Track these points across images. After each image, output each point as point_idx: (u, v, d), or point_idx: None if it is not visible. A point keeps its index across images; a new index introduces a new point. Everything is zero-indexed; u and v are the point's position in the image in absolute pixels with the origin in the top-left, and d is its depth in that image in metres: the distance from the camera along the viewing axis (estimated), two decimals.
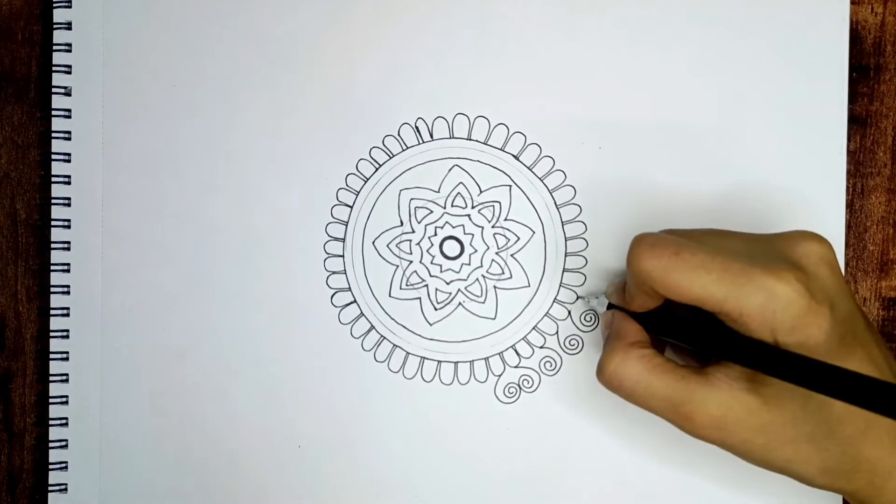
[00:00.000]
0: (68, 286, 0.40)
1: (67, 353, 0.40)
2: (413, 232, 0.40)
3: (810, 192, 0.39)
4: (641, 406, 0.33)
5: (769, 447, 0.31)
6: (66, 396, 0.40)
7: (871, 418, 0.31)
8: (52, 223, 0.40)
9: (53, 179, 0.40)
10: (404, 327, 0.40)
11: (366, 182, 0.40)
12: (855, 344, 0.31)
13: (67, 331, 0.40)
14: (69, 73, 0.40)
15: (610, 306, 0.37)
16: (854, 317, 0.32)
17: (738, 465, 0.39)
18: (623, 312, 0.35)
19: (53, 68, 0.40)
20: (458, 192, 0.40)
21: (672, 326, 0.34)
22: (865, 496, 0.33)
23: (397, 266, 0.40)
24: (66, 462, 0.40)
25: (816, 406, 0.31)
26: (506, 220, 0.40)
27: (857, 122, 0.40)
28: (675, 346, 0.34)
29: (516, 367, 0.40)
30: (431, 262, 0.40)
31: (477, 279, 0.40)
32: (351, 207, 0.40)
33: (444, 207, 0.40)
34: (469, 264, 0.40)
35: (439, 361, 0.40)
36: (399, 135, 0.40)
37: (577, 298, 0.40)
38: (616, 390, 0.33)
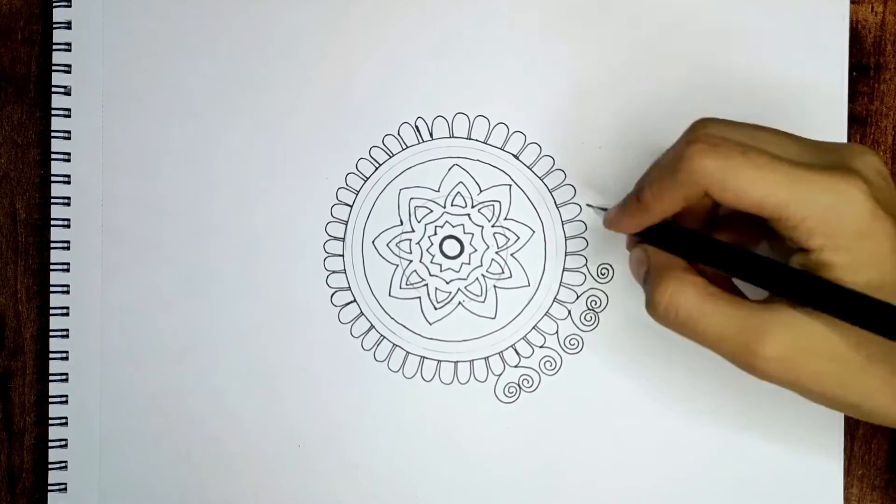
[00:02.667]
0: (68, 286, 0.40)
1: (67, 352, 0.40)
2: (413, 231, 0.40)
3: None
4: (697, 339, 0.31)
5: (843, 379, 0.29)
6: (66, 396, 0.40)
7: None
8: (52, 223, 0.40)
9: (53, 179, 0.40)
10: (404, 327, 0.40)
11: (366, 181, 0.40)
12: None
13: (67, 330, 0.40)
14: (69, 72, 0.40)
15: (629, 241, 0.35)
16: None
17: (739, 467, 0.39)
18: (658, 249, 0.33)
19: (53, 68, 0.40)
20: (458, 192, 0.40)
21: (714, 253, 0.31)
22: None
23: (397, 265, 0.40)
24: (66, 462, 0.40)
25: None
26: (506, 219, 0.40)
27: (857, 121, 0.40)
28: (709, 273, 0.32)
29: (516, 366, 0.40)
30: (431, 262, 0.40)
31: (477, 278, 0.40)
32: (351, 207, 0.40)
33: (444, 207, 0.40)
34: (469, 264, 0.40)
35: (439, 361, 0.40)
36: (399, 134, 0.40)
37: (587, 205, 0.39)
38: (671, 323, 0.31)
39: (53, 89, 0.40)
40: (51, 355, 0.40)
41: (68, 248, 0.40)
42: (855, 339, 0.28)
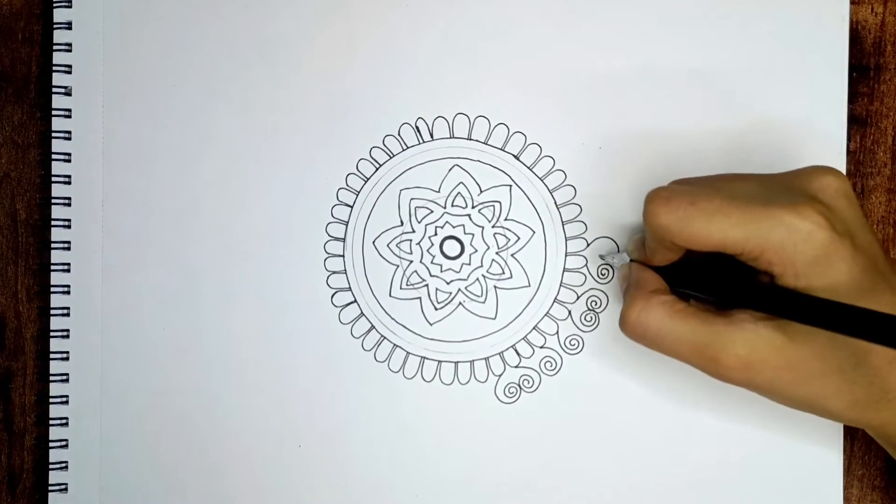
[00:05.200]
0: (68, 286, 0.40)
1: (67, 353, 0.40)
2: (413, 232, 0.40)
3: None
4: (666, 353, 0.33)
5: (797, 383, 0.31)
6: (66, 396, 0.40)
7: None
8: (52, 223, 0.40)
9: (53, 179, 0.40)
10: (404, 327, 0.40)
11: (366, 182, 0.40)
12: (877, 276, 0.31)
13: (67, 331, 0.40)
14: (69, 72, 0.40)
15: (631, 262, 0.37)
16: (874, 247, 0.32)
17: (739, 467, 0.39)
18: (640, 264, 0.36)
19: (53, 68, 0.40)
20: (459, 192, 0.40)
21: (693, 278, 0.34)
22: (893, 429, 0.33)
23: (397, 266, 0.40)
24: (66, 462, 0.40)
25: (844, 339, 0.31)
26: (506, 219, 0.40)
27: (857, 122, 0.40)
28: (696, 298, 0.34)
29: (517, 366, 0.40)
30: (432, 262, 0.40)
31: (477, 279, 0.40)
32: (351, 207, 0.40)
33: (445, 207, 0.40)
34: (469, 264, 0.40)
35: (439, 361, 0.40)
36: (399, 134, 0.40)
37: (600, 259, 0.40)
38: (640, 339, 0.33)
39: (54, 90, 0.40)
40: (51, 356, 0.40)
41: (69, 249, 0.40)
42: (809, 351, 0.31)
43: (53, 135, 0.40)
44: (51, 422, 0.40)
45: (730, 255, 0.32)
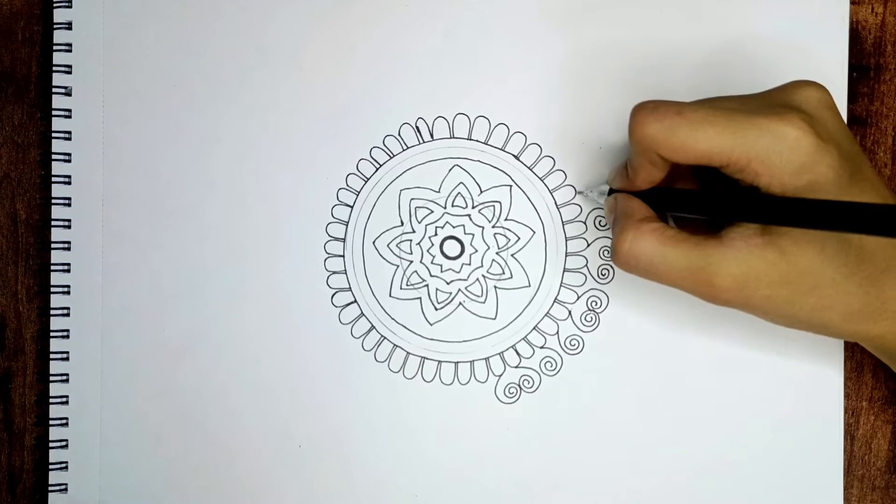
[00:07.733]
0: (68, 286, 0.40)
1: (67, 353, 0.40)
2: (413, 232, 0.40)
3: None
4: (660, 280, 0.33)
5: (792, 299, 0.31)
6: (66, 396, 0.40)
7: (891, 257, 0.31)
8: (52, 223, 0.40)
9: (53, 179, 0.40)
10: (404, 327, 0.40)
11: (366, 182, 0.40)
12: (864, 181, 0.31)
13: (67, 331, 0.40)
14: (69, 73, 0.40)
15: (611, 193, 0.37)
16: (859, 157, 0.32)
17: (739, 467, 0.39)
18: (626, 193, 0.35)
19: (53, 68, 0.40)
20: (459, 192, 0.40)
21: (679, 198, 0.34)
22: (891, 340, 0.33)
23: (398, 266, 0.40)
24: (66, 462, 0.40)
25: (834, 249, 0.31)
26: (506, 219, 0.40)
27: (857, 122, 0.40)
28: (684, 220, 0.34)
29: (517, 367, 0.40)
30: (432, 262, 0.40)
31: (477, 279, 0.40)
32: (351, 207, 0.40)
33: (445, 207, 0.40)
34: (469, 264, 0.40)
35: (439, 361, 0.40)
36: (399, 135, 0.40)
37: (577, 194, 0.40)
38: (633, 269, 0.33)
39: (54, 90, 0.40)
40: (51, 356, 0.40)
41: (69, 249, 0.40)
42: (802, 264, 0.31)
43: (53, 135, 0.40)
44: (51, 422, 0.40)
45: (713, 174, 0.32)
